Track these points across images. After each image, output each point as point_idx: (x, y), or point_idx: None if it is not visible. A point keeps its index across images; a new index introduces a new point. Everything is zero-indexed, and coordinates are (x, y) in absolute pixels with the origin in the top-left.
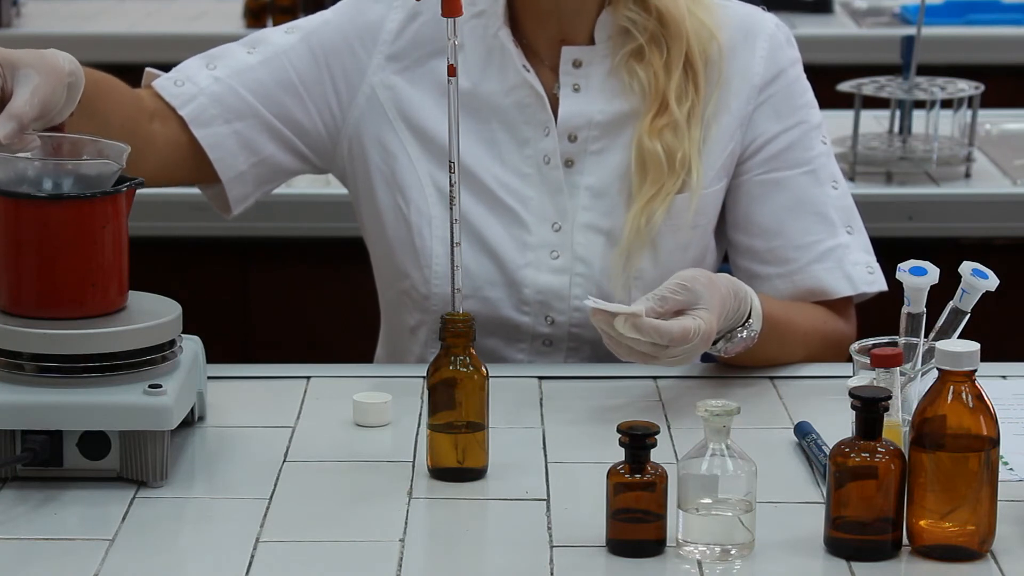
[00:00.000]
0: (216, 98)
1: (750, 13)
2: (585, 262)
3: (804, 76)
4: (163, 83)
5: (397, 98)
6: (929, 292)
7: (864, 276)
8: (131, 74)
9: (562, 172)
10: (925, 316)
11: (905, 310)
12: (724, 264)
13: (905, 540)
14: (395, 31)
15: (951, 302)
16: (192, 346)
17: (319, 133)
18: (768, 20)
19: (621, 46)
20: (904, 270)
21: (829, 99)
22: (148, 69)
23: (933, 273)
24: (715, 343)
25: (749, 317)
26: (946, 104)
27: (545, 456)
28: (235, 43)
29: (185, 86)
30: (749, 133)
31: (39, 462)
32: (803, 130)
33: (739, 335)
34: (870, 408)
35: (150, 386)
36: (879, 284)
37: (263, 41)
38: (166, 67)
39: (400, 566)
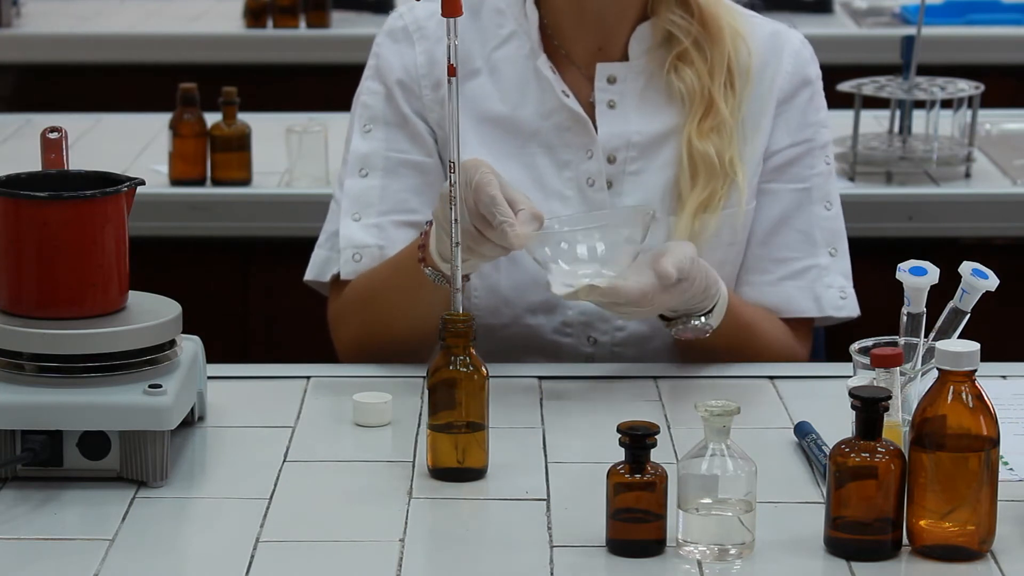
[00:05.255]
0: (398, 236)
1: (777, 29)
2: None
3: (822, 94)
4: (350, 268)
5: (442, 127)
6: (929, 292)
7: (835, 300)
8: (132, 74)
9: (607, 194)
10: (925, 316)
11: (905, 310)
12: None
13: (905, 540)
14: (425, 63)
15: (951, 302)
16: (192, 346)
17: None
18: (794, 36)
19: (658, 60)
20: (904, 270)
21: (829, 99)
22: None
23: (933, 273)
24: (670, 321)
25: (711, 312)
26: (946, 104)
27: (545, 456)
28: (347, 179)
29: (369, 249)
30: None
31: (39, 462)
32: (808, 148)
33: (692, 323)
34: (870, 408)
35: (150, 386)
36: (848, 310)
37: (363, 159)
38: (166, 67)
39: (400, 566)
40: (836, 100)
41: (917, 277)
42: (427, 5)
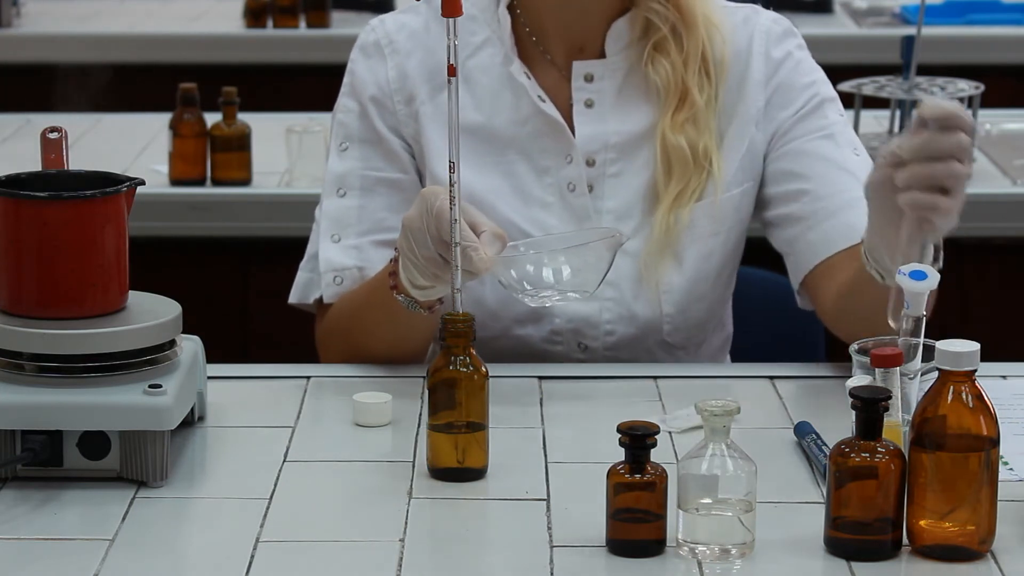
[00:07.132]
0: (377, 256)
1: (747, 15)
2: (614, 286)
3: (808, 59)
4: (331, 291)
5: (417, 140)
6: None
7: None
8: (132, 74)
9: (589, 198)
10: (925, 319)
11: (905, 313)
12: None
13: (905, 540)
14: (397, 77)
15: (902, 312)
16: (192, 346)
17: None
18: (763, 17)
19: (635, 55)
20: (904, 273)
21: None
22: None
23: (933, 278)
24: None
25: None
26: None
27: (545, 456)
28: (325, 200)
29: (349, 271)
30: (768, 128)
31: (39, 462)
32: (814, 104)
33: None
34: (870, 408)
35: (150, 386)
36: None
37: (340, 179)
38: (166, 67)
39: (400, 566)
40: None
41: (917, 281)
42: (397, 17)
